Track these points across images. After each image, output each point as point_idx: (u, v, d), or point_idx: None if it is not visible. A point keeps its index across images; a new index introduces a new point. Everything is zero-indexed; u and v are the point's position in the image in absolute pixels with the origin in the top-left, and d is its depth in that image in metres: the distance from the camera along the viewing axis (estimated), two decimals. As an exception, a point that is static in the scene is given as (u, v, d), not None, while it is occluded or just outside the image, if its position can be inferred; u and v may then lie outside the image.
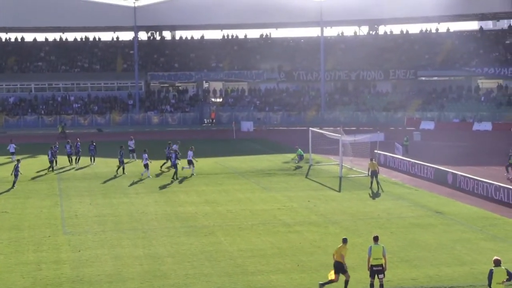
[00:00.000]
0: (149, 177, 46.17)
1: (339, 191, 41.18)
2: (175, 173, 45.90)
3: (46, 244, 28.57)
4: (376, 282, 21.81)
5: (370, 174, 41.71)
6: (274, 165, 52.20)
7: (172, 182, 44.54)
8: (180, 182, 44.34)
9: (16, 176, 43.01)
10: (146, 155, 46.64)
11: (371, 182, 41.41)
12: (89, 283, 23.39)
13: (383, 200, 38.05)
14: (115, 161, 52.74)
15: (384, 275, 21.85)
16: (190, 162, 47.54)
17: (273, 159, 55.86)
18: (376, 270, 21.79)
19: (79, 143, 53.64)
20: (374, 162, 42.23)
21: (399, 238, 29.11)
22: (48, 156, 50.32)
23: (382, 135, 58.00)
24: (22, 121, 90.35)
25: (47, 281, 23.63)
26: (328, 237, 29.56)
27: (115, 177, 47.07)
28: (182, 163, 47.87)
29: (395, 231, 30.39)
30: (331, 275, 22.32)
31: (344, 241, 22.43)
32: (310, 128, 54.06)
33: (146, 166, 46.48)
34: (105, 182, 45.06)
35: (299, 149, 53.55)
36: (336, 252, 22.35)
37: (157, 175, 47.26)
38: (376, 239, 22.08)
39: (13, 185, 42.65)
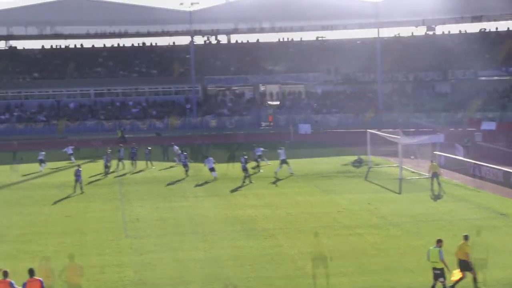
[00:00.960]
0: (215, 178, 46.71)
1: (400, 193, 40.75)
2: (245, 176, 45.58)
3: (109, 248, 28.97)
4: (439, 285, 21.51)
5: (431, 176, 41.14)
6: (333, 167, 51.92)
7: (243, 185, 44.52)
8: (240, 186, 44.33)
9: (77, 181, 42.98)
10: (212, 158, 47.67)
11: (432, 184, 40.81)
12: (151, 286, 23.62)
13: (445, 202, 37.48)
14: (170, 164, 53.77)
15: (444, 279, 21.54)
16: (284, 162, 48.19)
17: (331, 161, 55.57)
18: (436, 274, 21.67)
19: (135, 148, 54.40)
20: (434, 163, 41.69)
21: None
22: (104, 161, 51.17)
23: (442, 136, 57.13)
24: (83, 126, 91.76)
25: (111, 285, 23.95)
26: (389, 239, 29.25)
27: (183, 179, 47.96)
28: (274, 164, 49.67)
29: (457, 233, 29.76)
30: (455, 276, 22.03)
31: (465, 238, 22.28)
32: (368, 130, 53.57)
33: (212, 169, 47.22)
34: (165, 185, 45.50)
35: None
36: (459, 251, 22.21)
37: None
38: (437, 242, 21.84)
39: (75, 190, 42.75)
